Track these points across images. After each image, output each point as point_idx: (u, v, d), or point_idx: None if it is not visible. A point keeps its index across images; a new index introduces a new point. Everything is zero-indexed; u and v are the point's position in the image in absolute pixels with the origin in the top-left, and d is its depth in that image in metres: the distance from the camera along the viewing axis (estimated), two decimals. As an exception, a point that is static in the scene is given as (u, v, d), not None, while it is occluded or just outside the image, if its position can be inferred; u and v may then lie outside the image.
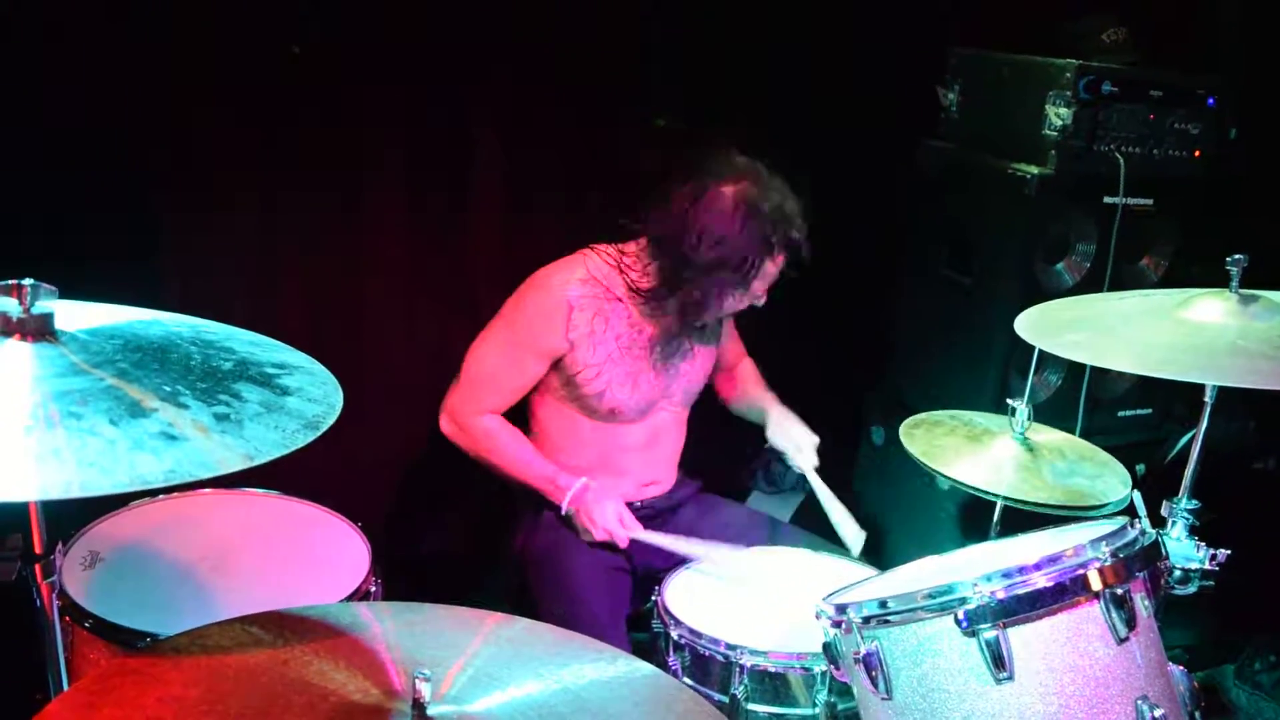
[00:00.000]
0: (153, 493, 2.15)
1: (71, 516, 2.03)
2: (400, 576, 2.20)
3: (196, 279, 2.38)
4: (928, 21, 3.19)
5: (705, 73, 3.00)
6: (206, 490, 2.23)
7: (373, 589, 1.98)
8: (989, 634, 1.43)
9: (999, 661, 1.43)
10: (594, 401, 2.44)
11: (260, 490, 2.25)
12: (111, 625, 1.74)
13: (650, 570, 2.40)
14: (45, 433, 0.96)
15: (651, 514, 2.53)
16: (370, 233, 2.76)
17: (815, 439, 2.54)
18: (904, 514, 3.12)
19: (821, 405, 3.37)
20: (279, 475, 2.23)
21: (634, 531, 2.35)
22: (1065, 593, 1.44)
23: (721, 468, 3.02)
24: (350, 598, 1.90)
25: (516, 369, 2.43)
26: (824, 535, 2.47)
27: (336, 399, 1.22)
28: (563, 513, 2.39)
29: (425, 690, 1.12)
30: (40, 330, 1.13)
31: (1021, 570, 1.44)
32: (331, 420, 1.17)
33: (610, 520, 2.35)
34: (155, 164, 2.40)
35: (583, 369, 2.41)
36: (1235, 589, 2.68)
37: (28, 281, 1.12)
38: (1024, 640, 1.44)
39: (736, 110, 3.05)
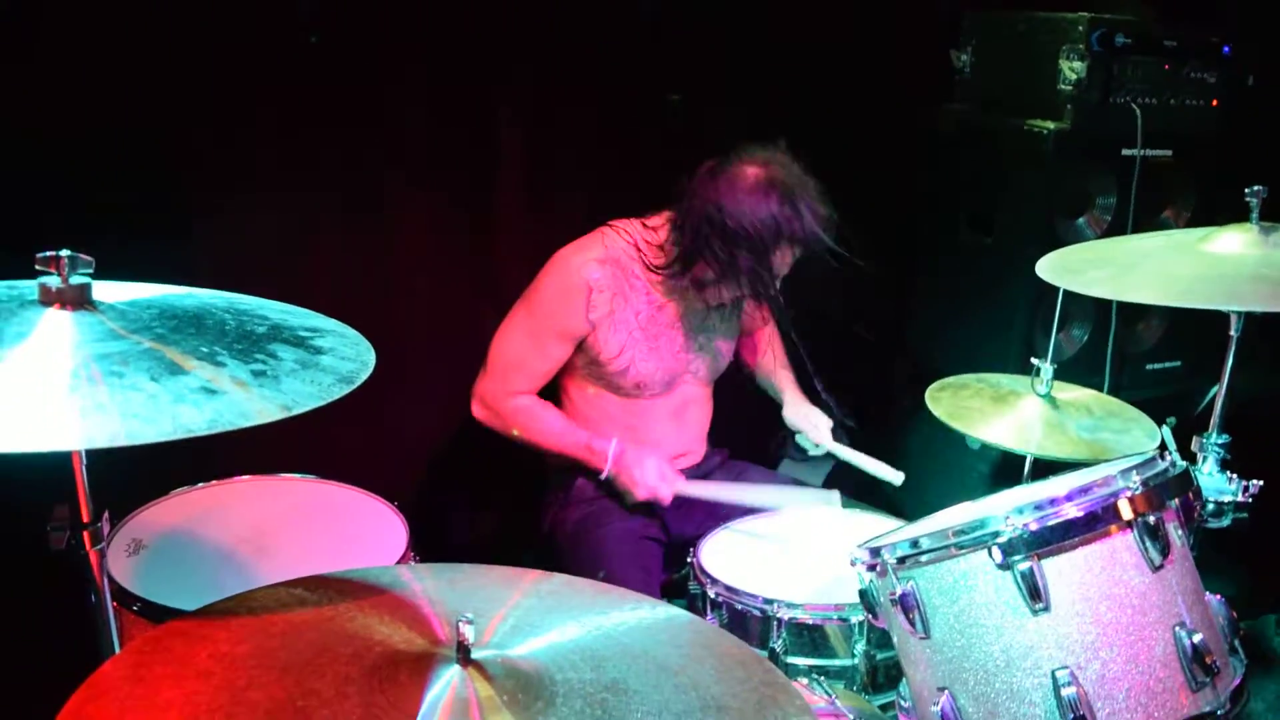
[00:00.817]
0: (192, 480, 2.21)
1: (114, 506, 2.07)
2: (434, 557, 2.23)
3: (227, 264, 2.41)
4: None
5: (715, 46, 3.01)
6: (245, 477, 2.27)
7: (415, 560, 2.01)
8: (1023, 566, 1.44)
9: (1035, 593, 1.43)
10: (619, 378, 2.46)
11: (298, 475, 2.29)
12: (159, 607, 1.78)
13: (683, 538, 2.43)
14: (88, 389, 0.99)
15: None
16: (397, 220, 2.78)
17: (829, 420, 2.57)
18: (936, 477, 3.12)
19: (847, 372, 3.40)
20: (315, 461, 2.31)
21: (678, 485, 2.37)
22: (1097, 521, 1.44)
23: (751, 435, 3.02)
24: (391, 573, 1.92)
25: (541, 352, 2.46)
26: (856, 498, 2.48)
27: (370, 357, 1.25)
28: (603, 476, 2.41)
29: (469, 633, 1.14)
30: (79, 299, 1.16)
31: (1053, 501, 1.45)
32: (365, 375, 1.19)
33: (652, 476, 2.37)
34: (186, 151, 2.44)
35: (605, 347, 2.43)
36: (1273, 539, 2.68)
37: (65, 253, 1.15)
38: (1059, 570, 1.44)
39: (749, 84, 3.06)
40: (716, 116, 3.05)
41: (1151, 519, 1.45)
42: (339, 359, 1.21)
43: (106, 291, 1.24)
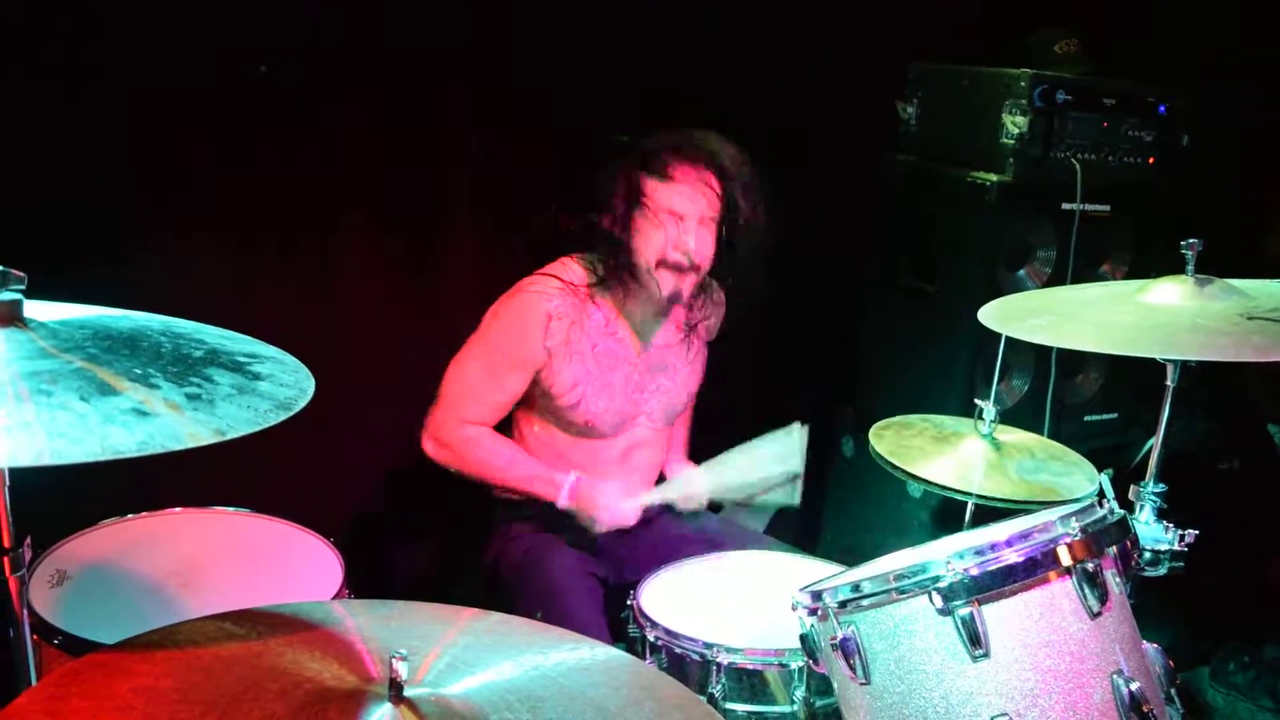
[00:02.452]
0: (123, 511, 2.15)
1: (38, 536, 2.00)
2: (371, 595, 2.19)
3: (166, 291, 2.37)
4: (885, 38, 3.25)
5: (663, 86, 3.03)
6: (176, 510, 2.22)
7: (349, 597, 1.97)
8: (964, 611, 1.43)
9: (975, 639, 1.43)
10: (570, 413, 2.44)
11: (231, 509, 2.24)
12: (81, 640, 1.72)
13: (621, 582, 2.41)
14: (14, 407, 0.96)
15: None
16: (340, 252, 2.76)
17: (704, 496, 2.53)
18: (877, 524, 3.14)
19: (790, 419, 3.41)
20: (251, 494, 2.26)
21: (642, 499, 2.39)
22: (1037, 567, 1.45)
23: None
24: (324, 608, 1.88)
25: (496, 382, 2.42)
26: (799, 545, 2.48)
27: (309, 385, 1.22)
28: (560, 505, 2.38)
29: (402, 669, 1.12)
30: (9, 316, 1.12)
31: (993, 547, 1.46)
32: (304, 403, 1.16)
33: (614, 499, 2.35)
34: (129, 171, 2.40)
35: (558, 380, 2.41)
36: (1207, 591, 2.72)
37: (-5, 268, 1.12)
38: (999, 617, 1.45)
39: (696, 123, 3.08)
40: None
41: (1090, 566, 1.46)
42: (277, 385, 1.18)
43: (39, 310, 1.21)
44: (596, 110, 2.95)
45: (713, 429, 3.32)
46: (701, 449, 3.24)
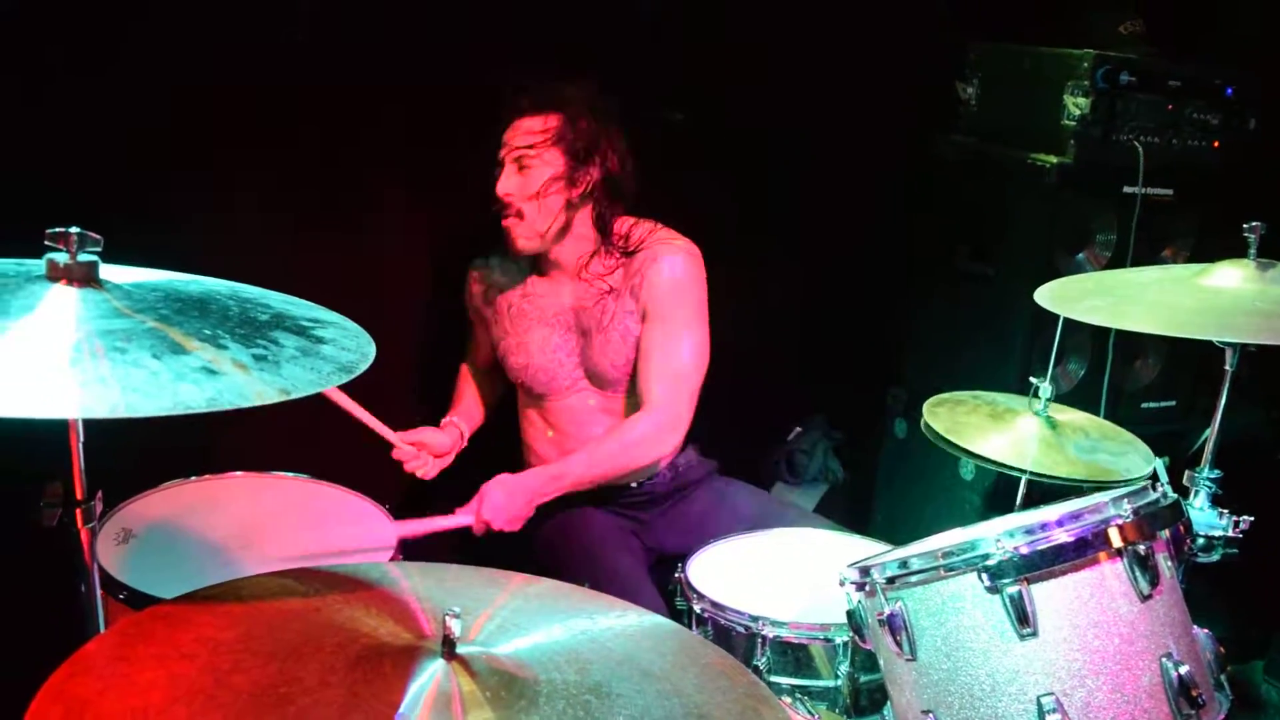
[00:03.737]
0: (183, 473, 2.21)
1: (107, 493, 2.07)
2: (422, 559, 2.23)
3: (229, 259, 2.42)
4: (944, 17, 3.22)
5: (717, 71, 3.03)
6: (237, 473, 2.27)
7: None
8: (1012, 589, 1.44)
9: (1023, 617, 1.44)
10: (509, 372, 2.55)
11: (289, 474, 2.29)
12: (145, 596, 1.78)
13: (663, 555, 2.47)
14: (90, 363, 1.00)
15: (653, 497, 2.54)
16: (394, 223, 2.78)
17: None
18: (929, 505, 3.13)
19: (844, 399, 3.41)
20: (309, 460, 2.31)
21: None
22: (1087, 547, 1.45)
23: (743, 448, 3.01)
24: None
25: (471, 335, 2.71)
26: (850, 525, 2.48)
27: (370, 349, 1.25)
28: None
29: (455, 627, 1.14)
30: (86, 277, 1.16)
31: (1043, 526, 1.46)
32: (365, 366, 1.19)
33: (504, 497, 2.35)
34: (191, 146, 2.45)
35: (497, 336, 2.56)
36: (1262, 583, 2.68)
37: (74, 230, 1.16)
38: (1047, 595, 1.45)
39: (751, 109, 3.08)
40: (719, 138, 3.07)
41: (1141, 548, 1.46)
42: (339, 349, 1.21)
43: (113, 273, 1.25)
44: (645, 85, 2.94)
45: (766, 409, 3.35)
46: (754, 428, 3.27)
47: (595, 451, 2.38)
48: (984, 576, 1.45)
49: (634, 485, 2.52)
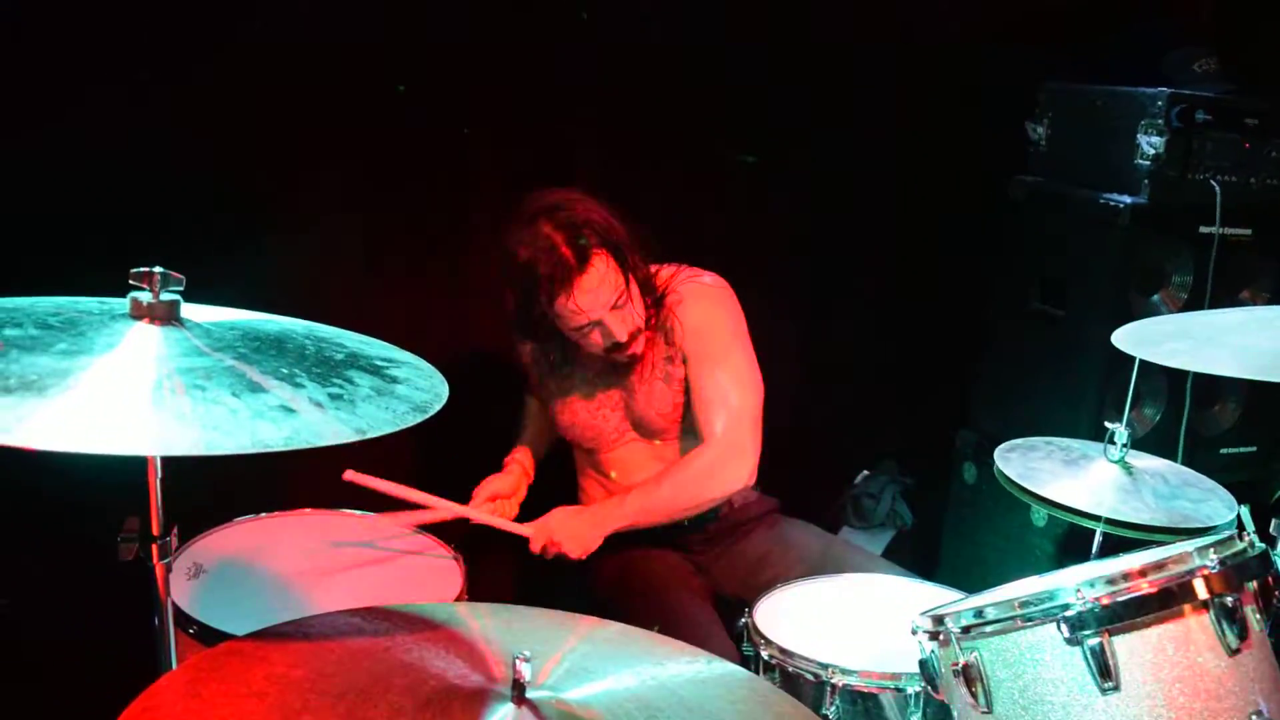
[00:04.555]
0: (254, 510, 2.23)
1: (179, 530, 2.10)
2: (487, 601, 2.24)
3: (304, 295, 2.48)
4: (1013, 58, 3.20)
5: (791, 111, 3.04)
6: (307, 510, 2.29)
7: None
8: (1093, 641, 1.39)
9: (1105, 670, 1.39)
10: (560, 430, 2.53)
11: (358, 511, 2.30)
12: (214, 631, 1.79)
13: (724, 598, 2.43)
14: (171, 400, 1.01)
15: (709, 536, 2.51)
16: (472, 260, 2.82)
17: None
18: (998, 552, 3.06)
19: (912, 442, 3.37)
20: (377, 499, 2.32)
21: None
22: (1172, 599, 1.40)
23: (808, 489, 2.98)
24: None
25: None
26: (917, 571, 2.43)
27: (443, 390, 1.26)
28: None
29: (526, 671, 1.13)
30: (168, 315, 1.19)
31: (1125, 576, 1.41)
32: (438, 407, 1.20)
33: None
34: (272, 187, 2.51)
35: (544, 397, 2.53)
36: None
37: (158, 269, 1.18)
38: (1130, 649, 1.40)
39: (820, 149, 3.08)
40: (796, 180, 3.07)
41: (1229, 600, 1.40)
42: (414, 389, 1.22)
43: (194, 312, 1.27)
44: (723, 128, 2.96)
45: (833, 452, 3.31)
46: (820, 471, 3.24)
47: (662, 483, 2.36)
48: (1063, 627, 1.41)
49: (685, 523, 2.46)
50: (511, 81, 2.73)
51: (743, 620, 2.08)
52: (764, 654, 1.96)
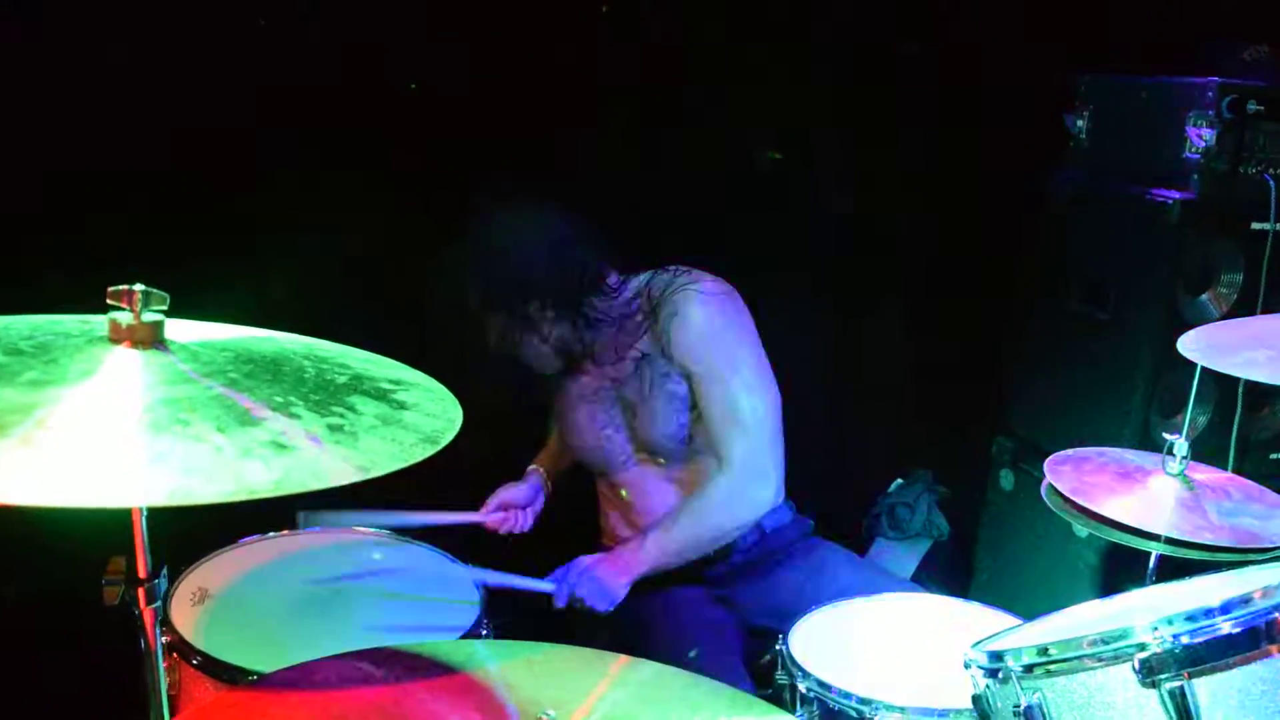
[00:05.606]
0: (261, 529, 2.13)
1: (182, 552, 2.01)
2: (507, 624, 2.13)
3: (307, 307, 2.37)
4: (1050, 49, 3.07)
5: (825, 109, 2.93)
6: (316, 529, 2.18)
7: (484, 633, 1.90)
8: (1171, 685, 1.26)
9: (1185, 715, 1.26)
10: (570, 452, 2.45)
11: (372, 530, 2.20)
12: (218, 662, 1.69)
13: (751, 626, 2.30)
14: (151, 438, 0.90)
15: (737, 567, 2.36)
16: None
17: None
18: (1038, 564, 2.93)
19: (947, 449, 3.25)
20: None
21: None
22: (1258, 639, 1.27)
23: (838, 506, 2.85)
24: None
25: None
26: (952, 583, 2.31)
27: (456, 414, 1.14)
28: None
29: (550, 731, 1.02)
30: (150, 338, 1.07)
31: (1207, 613, 1.28)
32: (450, 436, 1.08)
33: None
34: (272, 191, 2.41)
35: (554, 417, 2.44)
36: None
37: (139, 287, 1.07)
38: (1212, 692, 1.27)
39: (853, 149, 2.97)
40: (828, 180, 2.96)
41: (1321, 637, 1.27)
42: (423, 415, 1.10)
43: (182, 330, 1.16)
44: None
45: (866, 460, 3.20)
46: (853, 480, 3.12)
47: (678, 518, 2.22)
48: (1139, 668, 1.28)
49: (712, 554, 2.31)
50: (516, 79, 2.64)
51: (778, 646, 1.95)
52: (801, 686, 1.83)
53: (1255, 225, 2.68)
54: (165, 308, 1.10)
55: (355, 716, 1.12)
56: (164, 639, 1.75)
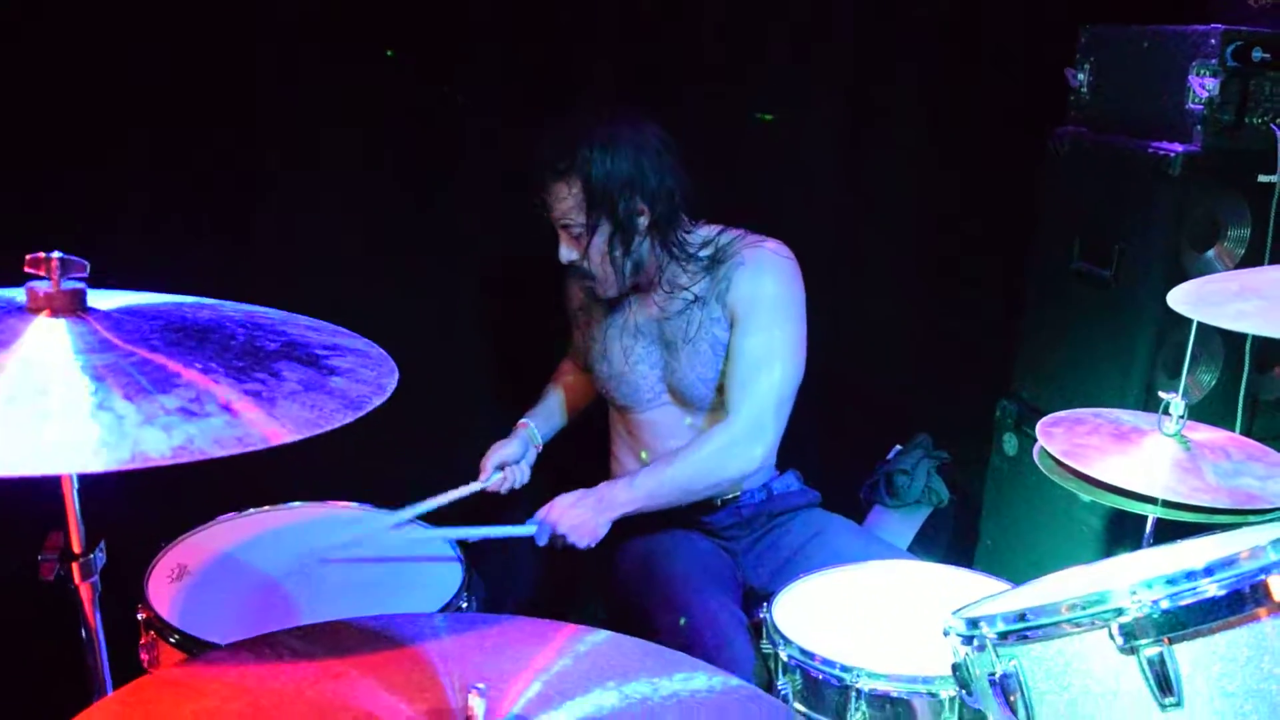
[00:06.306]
0: (239, 507, 2.11)
1: (162, 530, 1.99)
2: (492, 598, 2.10)
3: (284, 278, 2.33)
4: (1052, 2, 2.99)
5: (825, 66, 2.85)
6: (295, 504, 2.17)
7: (464, 605, 1.87)
8: (1151, 651, 1.21)
9: (1165, 684, 1.21)
10: (596, 382, 2.43)
11: (352, 504, 2.19)
12: (196, 640, 1.68)
13: (749, 586, 2.31)
14: (64, 407, 0.86)
15: (740, 521, 2.38)
16: (471, 244, 2.68)
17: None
18: (1041, 530, 2.87)
19: (948, 414, 3.18)
20: (374, 490, 2.19)
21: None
22: (1244, 602, 1.21)
23: (835, 471, 2.80)
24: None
25: (574, 336, 2.56)
26: (954, 551, 2.26)
27: (389, 381, 1.09)
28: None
29: (478, 707, 0.98)
30: (71, 306, 1.04)
31: (1189, 575, 1.23)
32: (378, 402, 1.04)
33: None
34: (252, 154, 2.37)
35: (585, 344, 2.46)
36: None
37: (56, 254, 1.03)
38: (1194, 659, 1.22)
39: (852, 107, 2.90)
40: (827, 139, 2.89)
41: (1310, 600, 1.22)
42: (352, 381, 1.05)
43: (108, 300, 1.12)
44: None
45: (864, 425, 3.14)
46: (851, 445, 3.07)
47: (671, 461, 2.22)
48: (1116, 634, 1.23)
49: (718, 503, 2.35)
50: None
51: (761, 614, 1.92)
52: (783, 655, 1.79)
53: (1262, 178, 2.58)
54: (85, 274, 1.06)
55: (291, 692, 1.09)
56: (141, 615, 1.76)
